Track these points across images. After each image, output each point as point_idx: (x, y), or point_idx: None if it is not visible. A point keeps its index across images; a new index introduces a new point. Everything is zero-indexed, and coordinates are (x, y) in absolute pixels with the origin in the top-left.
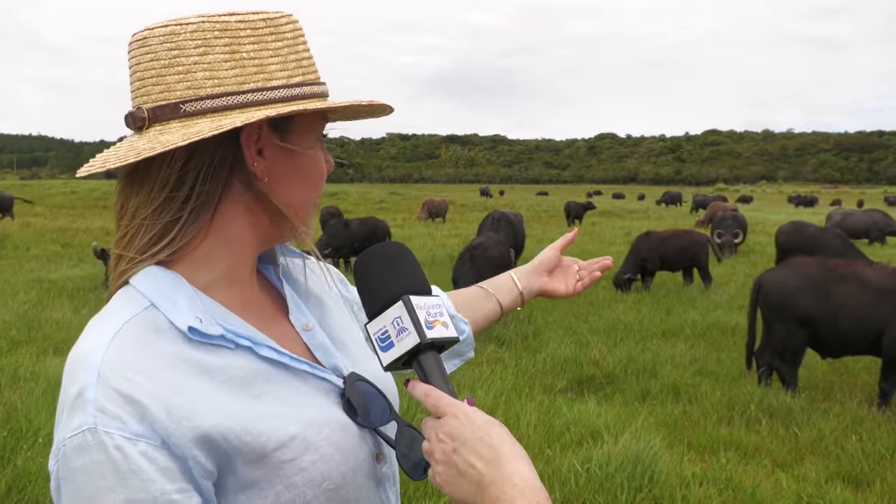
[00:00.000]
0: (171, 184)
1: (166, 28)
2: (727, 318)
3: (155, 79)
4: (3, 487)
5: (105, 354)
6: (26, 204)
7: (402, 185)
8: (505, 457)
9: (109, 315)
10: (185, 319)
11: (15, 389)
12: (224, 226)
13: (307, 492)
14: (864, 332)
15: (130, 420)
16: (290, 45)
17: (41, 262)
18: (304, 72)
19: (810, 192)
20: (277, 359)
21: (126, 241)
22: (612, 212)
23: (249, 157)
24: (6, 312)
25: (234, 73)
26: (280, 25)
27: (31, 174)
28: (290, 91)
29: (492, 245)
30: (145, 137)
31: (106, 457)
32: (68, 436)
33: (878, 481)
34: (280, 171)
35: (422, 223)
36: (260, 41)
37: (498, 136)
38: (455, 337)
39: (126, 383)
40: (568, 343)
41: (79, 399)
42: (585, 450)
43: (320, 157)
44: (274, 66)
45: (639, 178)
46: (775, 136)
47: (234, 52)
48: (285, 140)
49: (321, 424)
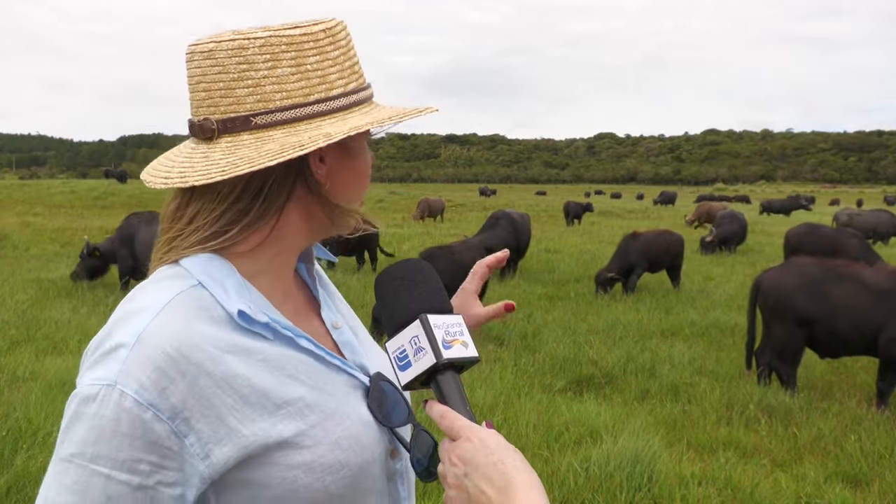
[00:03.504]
0: (235, 193)
1: (234, 42)
2: (726, 317)
3: (223, 91)
4: (2, 487)
5: (153, 321)
6: (23, 204)
7: (402, 184)
8: (516, 485)
9: (160, 286)
10: (236, 304)
11: (14, 389)
12: (280, 225)
13: (325, 477)
14: (862, 333)
15: (151, 388)
16: (344, 52)
17: (40, 261)
18: (357, 77)
19: (810, 192)
20: (315, 351)
21: (178, 241)
22: (612, 212)
23: (315, 165)
24: (5, 312)
25: (301, 85)
26: (337, 34)
27: (30, 174)
28: (348, 99)
29: (462, 249)
30: (218, 149)
31: (109, 414)
32: (88, 382)
33: (877, 481)
34: (339, 173)
35: (419, 223)
36: (321, 52)
37: (497, 136)
38: (476, 357)
39: (161, 354)
40: (567, 342)
41: (112, 353)
42: (584, 449)
43: (368, 154)
44: (334, 76)
45: (638, 177)
46: (774, 135)
47: (300, 65)
48: (343, 145)
49: (344, 416)
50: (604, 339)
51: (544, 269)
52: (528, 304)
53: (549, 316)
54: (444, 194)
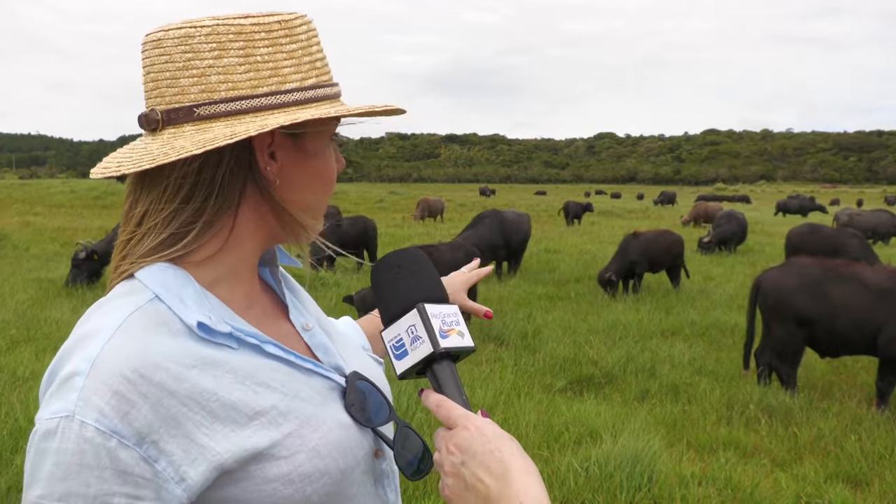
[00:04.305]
0: (184, 191)
1: (181, 30)
2: (726, 317)
3: (169, 81)
4: (2, 487)
5: (107, 344)
6: (23, 203)
7: (402, 184)
8: (514, 472)
9: (114, 305)
10: (195, 316)
11: (14, 389)
12: (237, 230)
13: (306, 488)
14: (862, 332)
15: (112, 415)
16: (303, 46)
17: (40, 261)
18: (318, 73)
19: (809, 192)
20: (283, 356)
21: (131, 246)
22: (611, 211)
23: (262, 161)
24: (5, 311)
25: (249, 77)
26: (294, 27)
27: (30, 173)
28: (303, 94)
29: (444, 249)
30: (158, 140)
31: (72, 447)
32: (46, 417)
33: (877, 480)
34: (292, 173)
35: (419, 223)
36: (274, 44)
37: (497, 136)
38: (471, 346)
39: (118, 379)
40: (567, 342)
41: (68, 383)
42: (584, 449)
43: (331, 158)
44: (287, 69)
45: (638, 177)
46: (774, 135)
47: (249, 56)
48: (298, 143)
49: (320, 422)
50: (604, 339)
51: (544, 269)
52: (528, 304)
53: (549, 316)
54: (444, 194)
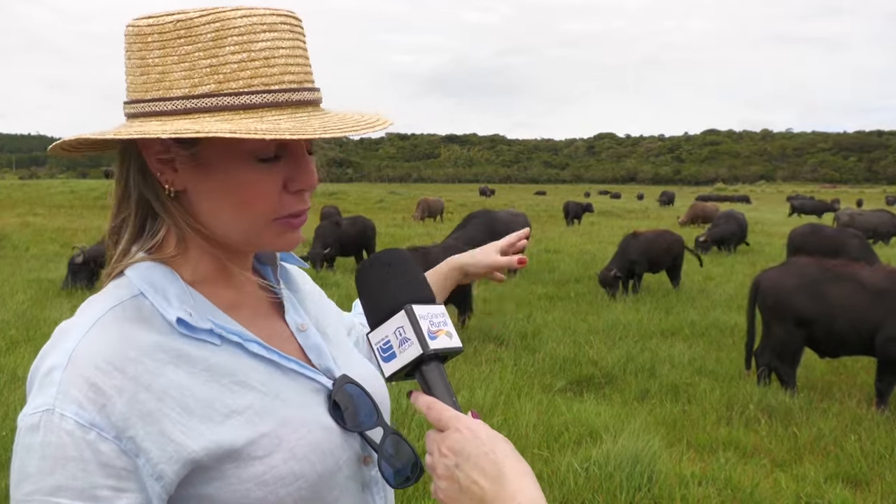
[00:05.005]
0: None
1: (125, 29)
2: (726, 317)
3: None
4: (2, 487)
5: (82, 339)
6: (23, 204)
7: (402, 184)
8: (509, 474)
9: (97, 300)
10: (175, 311)
11: (14, 389)
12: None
13: (279, 490)
14: (859, 332)
15: (90, 407)
16: (205, 48)
17: (40, 261)
18: (224, 79)
19: (809, 192)
20: (266, 355)
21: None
22: (611, 212)
23: (152, 167)
24: (5, 312)
25: (142, 81)
26: (194, 27)
27: (29, 174)
28: (191, 102)
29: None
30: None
31: (55, 440)
32: (29, 412)
33: (877, 481)
34: (196, 185)
35: (418, 223)
36: (165, 46)
37: (497, 136)
38: (459, 347)
39: (94, 371)
40: (567, 342)
41: (47, 377)
42: (584, 449)
43: (256, 178)
44: (178, 74)
45: (638, 177)
46: (774, 135)
47: (143, 59)
48: (193, 153)
49: (299, 424)
50: (604, 339)
51: (544, 269)
52: (528, 304)
53: (549, 316)
54: (444, 194)
